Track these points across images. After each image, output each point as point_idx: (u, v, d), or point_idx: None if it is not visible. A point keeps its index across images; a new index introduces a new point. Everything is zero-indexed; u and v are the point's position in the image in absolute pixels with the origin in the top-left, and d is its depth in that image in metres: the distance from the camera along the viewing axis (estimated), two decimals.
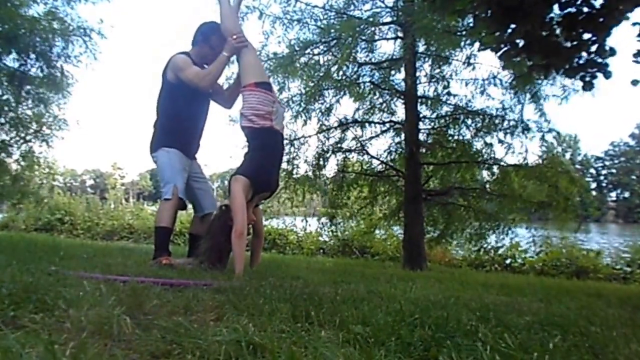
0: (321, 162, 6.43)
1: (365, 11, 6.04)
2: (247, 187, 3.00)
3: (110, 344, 1.12)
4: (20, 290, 1.47)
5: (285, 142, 3.35)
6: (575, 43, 2.74)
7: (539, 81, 5.21)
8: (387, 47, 11.32)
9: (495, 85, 5.95)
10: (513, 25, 2.71)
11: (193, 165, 3.40)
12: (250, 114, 3.07)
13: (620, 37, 2.84)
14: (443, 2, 2.76)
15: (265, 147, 3.13)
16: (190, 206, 3.46)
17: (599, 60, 2.74)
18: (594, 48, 2.72)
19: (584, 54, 2.76)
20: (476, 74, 6.00)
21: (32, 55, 6.76)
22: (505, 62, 2.88)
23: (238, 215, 2.91)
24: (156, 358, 1.07)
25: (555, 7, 2.70)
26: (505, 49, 2.77)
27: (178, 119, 3.26)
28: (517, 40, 2.75)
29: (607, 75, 2.77)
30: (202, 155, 3.62)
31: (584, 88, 2.88)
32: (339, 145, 6.52)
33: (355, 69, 6.14)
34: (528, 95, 5.74)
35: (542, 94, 5.70)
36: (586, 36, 2.72)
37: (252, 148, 3.18)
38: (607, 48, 2.70)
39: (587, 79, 2.81)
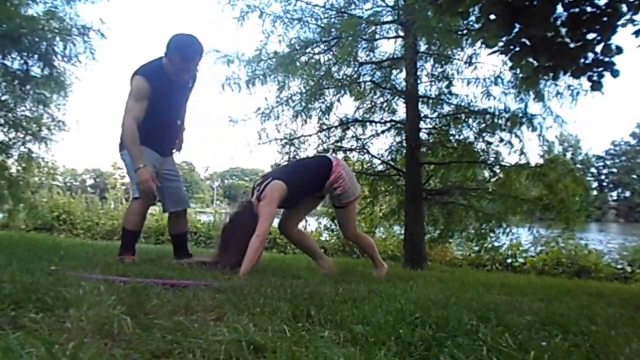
0: None
1: (366, 10, 6.03)
2: (283, 197, 3.11)
3: (110, 344, 1.12)
4: (20, 290, 1.47)
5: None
6: (580, 43, 2.73)
7: (545, 82, 5.21)
8: (388, 46, 11.28)
9: (497, 84, 5.94)
10: (518, 27, 2.70)
11: (166, 162, 3.37)
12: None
13: (622, 35, 2.83)
14: (449, 4, 2.75)
15: (314, 179, 3.28)
16: (192, 206, 3.49)
17: (606, 59, 2.72)
18: (599, 47, 2.71)
19: (590, 53, 2.75)
20: (478, 74, 6.00)
21: (32, 55, 6.74)
22: (514, 63, 2.86)
23: (267, 221, 3.02)
24: (157, 358, 1.07)
25: (559, 7, 2.69)
26: (515, 50, 2.76)
27: (146, 121, 3.15)
28: (524, 41, 2.74)
29: (615, 74, 2.76)
30: (203, 155, 3.64)
31: (592, 88, 2.86)
32: (339, 144, 6.52)
33: (356, 68, 6.13)
34: (532, 95, 5.73)
35: (547, 94, 5.70)
36: (591, 36, 2.71)
37: (308, 167, 3.46)
38: (612, 47, 2.68)
39: (595, 78, 2.80)
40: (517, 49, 2.78)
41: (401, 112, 6.42)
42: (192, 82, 3.45)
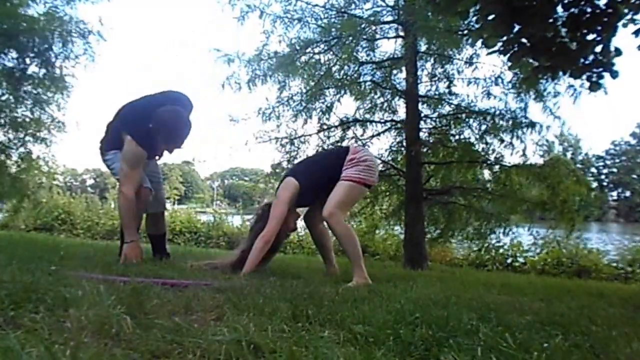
0: None
1: (366, 10, 6.03)
2: (295, 194, 3.05)
3: (110, 344, 1.11)
4: (20, 290, 1.47)
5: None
6: (580, 44, 2.73)
7: (545, 81, 5.20)
8: (388, 46, 11.29)
9: (497, 85, 5.95)
10: (517, 27, 2.70)
11: (150, 164, 3.39)
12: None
13: (622, 35, 2.83)
14: (447, 3, 2.75)
15: (330, 170, 3.09)
16: (192, 206, 3.51)
17: (605, 60, 2.72)
18: (599, 48, 2.71)
19: (590, 54, 2.75)
20: (478, 74, 6.01)
21: (32, 55, 6.74)
22: (513, 63, 2.86)
23: (274, 220, 2.97)
24: (156, 358, 1.07)
25: (559, 7, 2.69)
26: (514, 50, 2.76)
27: None
28: (523, 41, 2.74)
29: (614, 75, 2.76)
30: (203, 155, 3.65)
31: (591, 89, 2.86)
32: (339, 144, 6.52)
33: (356, 67, 6.13)
34: (532, 95, 5.74)
35: (548, 94, 5.70)
36: (591, 36, 2.71)
37: (324, 159, 3.43)
38: (612, 48, 2.69)
39: (594, 79, 2.80)
40: (516, 49, 2.78)
41: (401, 112, 6.42)
42: None
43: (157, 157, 3.50)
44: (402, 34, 6.00)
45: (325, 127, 6.41)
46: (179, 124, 3.02)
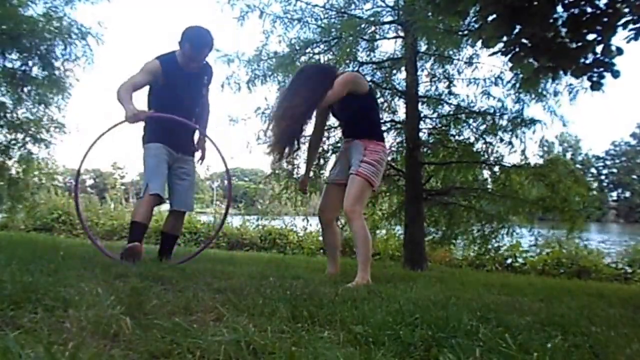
0: (321, 162, 6.41)
1: (366, 10, 6.03)
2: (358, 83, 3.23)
3: (109, 344, 1.11)
4: (20, 291, 1.47)
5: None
6: (580, 43, 2.73)
7: (546, 82, 5.21)
8: (388, 47, 11.30)
9: (497, 85, 5.95)
10: (518, 27, 2.70)
11: (180, 160, 3.42)
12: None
13: (622, 35, 2.82)
14: (447, 3, 2.75)
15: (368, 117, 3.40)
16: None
17: (606, 59, 2.72)
18: (599, 48, 2.70)
19: (590, 54, 2.75)
20: (478, 74, 6.01)
21: (32, 56, 6.74)
22: (515, 64, 2.86)
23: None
24: (156, 358, 1.07)
25: (559, 7, 2.69)
26: (515, 51, 2.76)
27: (156, 117, 3.22)
28: (524, 41, 2.73)
29: (615, 74, 2.75)
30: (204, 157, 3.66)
31: (592, 88, 2.86)
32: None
33: (356, 68, 6.13)
34: (532, 95, 5.74)
35: (548, 94, 5.70)
36: (591, 36, 2.71)
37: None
38: (613, 48, 2.68)
39: (595, 78, 2.80)
40: (517, 49, 2.78)
41: (401, 112, 6.42)
42: (208, 78, 3.53)
43: (194, 153, 3.55)
44: (402, 34, 6.00)
45: (325, 127, 6.39)
46: (201, 34, 3.30)
